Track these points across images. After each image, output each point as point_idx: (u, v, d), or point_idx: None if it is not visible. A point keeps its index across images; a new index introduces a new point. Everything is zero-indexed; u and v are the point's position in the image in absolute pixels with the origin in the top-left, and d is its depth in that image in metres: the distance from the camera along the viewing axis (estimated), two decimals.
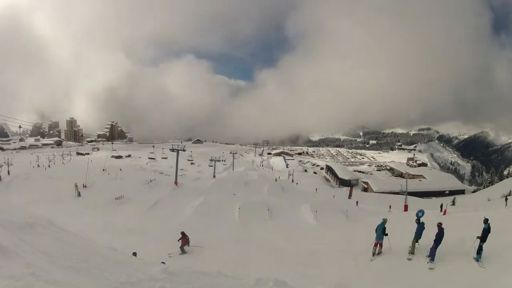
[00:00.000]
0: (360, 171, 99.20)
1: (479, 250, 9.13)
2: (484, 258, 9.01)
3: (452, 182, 75.78)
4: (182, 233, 14.69)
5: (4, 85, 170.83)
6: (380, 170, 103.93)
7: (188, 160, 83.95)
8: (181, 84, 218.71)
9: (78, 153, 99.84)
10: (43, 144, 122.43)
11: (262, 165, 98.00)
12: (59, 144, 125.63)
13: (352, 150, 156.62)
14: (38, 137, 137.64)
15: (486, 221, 9.18)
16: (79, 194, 28.78)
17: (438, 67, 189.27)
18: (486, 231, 9.08)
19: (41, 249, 5.55)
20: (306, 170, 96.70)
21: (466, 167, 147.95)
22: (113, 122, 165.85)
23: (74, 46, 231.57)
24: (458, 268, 9.02)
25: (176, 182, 36.40)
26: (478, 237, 9.15)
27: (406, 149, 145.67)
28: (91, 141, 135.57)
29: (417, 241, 10.22)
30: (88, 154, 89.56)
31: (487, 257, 8.96)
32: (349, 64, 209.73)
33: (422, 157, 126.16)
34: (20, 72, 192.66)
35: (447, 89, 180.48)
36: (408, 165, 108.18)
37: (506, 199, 29.34)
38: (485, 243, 9.06)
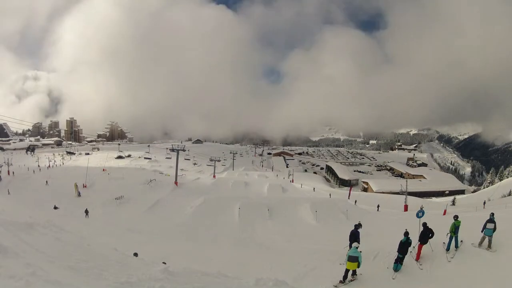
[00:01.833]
0: (360, 171, 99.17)
1: (397, 260, 9.22)
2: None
3: (452, 182, 75.80)
4: None
5: None
6: (380, 170, 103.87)
7: (194, 164, 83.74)
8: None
9: (68, 153, 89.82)
10: (43, 144, 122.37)
11: (262, 165, 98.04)
12: (59, 144, 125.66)
13: (352, 150, 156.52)
14: (38, 137, 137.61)
15: (406, 234, 9.28)
16: (79, 194, 28.78)
17: (438, 67, 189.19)
18: (404, 244, 9.13)
19: (41, 249, 5.55)
20: (306, 170, 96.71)
21: (466, 167, 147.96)
22: (113, 122, 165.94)
23: None
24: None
25: (176, 182, 36.42)
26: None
27: (406, 149, 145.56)
28: (91, 141, 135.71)
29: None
30: (88, 154, 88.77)
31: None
32: (352, 66, 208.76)
33: (422, 157, 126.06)
34: None
35: (447, 89, 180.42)
36: (408, 165, 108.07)
37: (484, 203, 31.09)
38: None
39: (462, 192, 68.39)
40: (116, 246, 9.34)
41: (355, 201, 33.04)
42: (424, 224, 9.61)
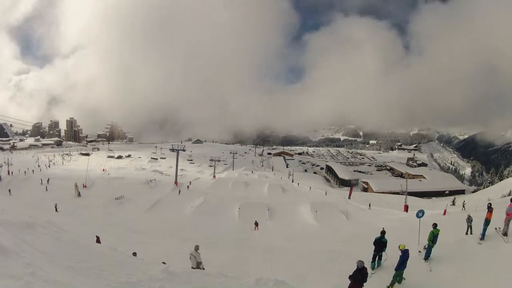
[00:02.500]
0: (360, 171, 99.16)
1: (374, 258, 9.15)
2: None
3: (452, 182, 75.77)
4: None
5: None
6: (380, 170, 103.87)
7: (188, 160, 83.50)
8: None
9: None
10: (43, 144, 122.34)
11: (262, 165, 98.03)
12: (59, 144, 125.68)
13: (352, 150, 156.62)
14: (38, 137, 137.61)
15: (383, 233, 9.10)
16: (79, 194, 28.78)
17: (438, 68, 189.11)
18: (383, 244, 8.94)
19: (41, 249, 5.55)
20: (306, 170, 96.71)
21: (466, 167, 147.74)
22: (113, 122, 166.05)
23: None
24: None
25: (176, 182, 36.42)
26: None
27: (406, 149, 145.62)
28: (91, 141, 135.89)
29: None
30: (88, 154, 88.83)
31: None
32: (353, 64, 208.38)
33: (422, 157, 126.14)
34: None
35: (447, 89, 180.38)
36: (408, 165, 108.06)
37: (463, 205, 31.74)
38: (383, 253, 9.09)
39: (462, 192, 68.34)
40: (116, 246, 9.35)
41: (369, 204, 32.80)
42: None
